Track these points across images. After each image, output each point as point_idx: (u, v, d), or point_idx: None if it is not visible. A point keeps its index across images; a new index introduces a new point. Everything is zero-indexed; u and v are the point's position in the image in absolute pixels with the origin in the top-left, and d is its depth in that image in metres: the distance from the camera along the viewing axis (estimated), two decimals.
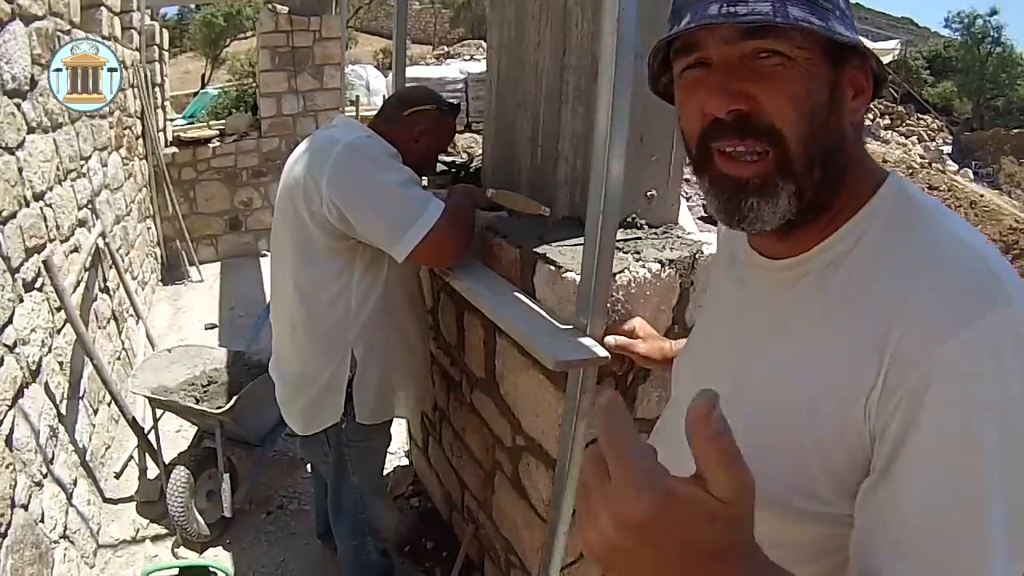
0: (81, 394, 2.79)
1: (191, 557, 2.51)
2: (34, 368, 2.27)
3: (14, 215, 2.30)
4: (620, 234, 1.58)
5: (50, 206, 2.74)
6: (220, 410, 2.49)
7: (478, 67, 10.41)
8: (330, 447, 1.86)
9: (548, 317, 1.45)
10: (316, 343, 1.74)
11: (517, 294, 1.58)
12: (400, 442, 3.10)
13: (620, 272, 1.42)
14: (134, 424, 2.89)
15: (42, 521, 2.05)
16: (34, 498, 2.03)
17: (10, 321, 2.12)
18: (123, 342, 3.80)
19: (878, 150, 14.50)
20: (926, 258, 0.62)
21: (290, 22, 6.23)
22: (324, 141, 1.64)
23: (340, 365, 1.73)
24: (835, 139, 0.66)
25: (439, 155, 1.92)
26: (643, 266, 1.47)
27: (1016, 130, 19.15)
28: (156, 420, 2.80)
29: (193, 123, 7.48)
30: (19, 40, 2.54)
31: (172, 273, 5.87)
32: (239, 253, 6.45)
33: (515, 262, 1.66)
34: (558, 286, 1.48)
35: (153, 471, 2.91)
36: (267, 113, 6.41)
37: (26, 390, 2.16)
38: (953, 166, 17.41)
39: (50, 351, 2.47)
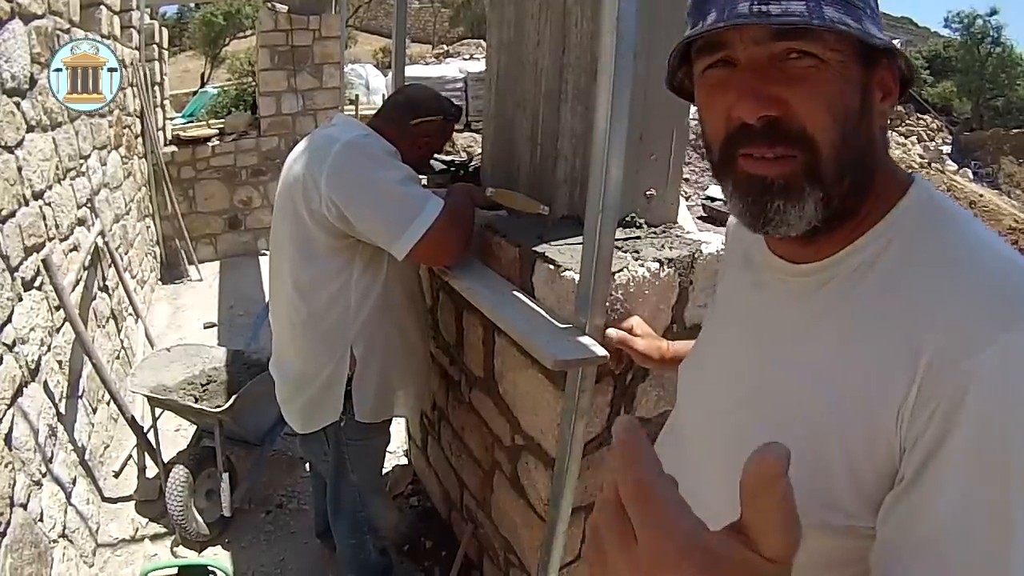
0: (80, 393, 2.79)
1: (190, 556, 2.51)
2: (33, 367, 2.27)
3: (13, 214, 2.30)
4: (619, 233, 1.58)
5: (49, 205, 2.74)
6: (219, 409, 2.49)
7: (478, 66, 10.40)
8: (329, 445, 1.86)
9: (547, 316, 1.45)
10: (316, 341, 1.74)
11: (516, 293, 1.58)
12: (399, 441, 3.10)
13: (619, 271, 1.42)
14: (133, 423, 2.89)
15: (41, 520, 2.05)
16: (33, 497, 2.03)
17: (9, 320, 2.12)
18: (122, 341, 3.80)
19: None
20: (958, 265, 0.60)
21: (289, 21, 6.23)
22: (323, 140, 1.64)
23: (339, 363, 1.73)
24: (865, 144, 0.64)
25: (434, 154, 1.93)
26: (642, 265, 1.47)
27: (1015, 130, 19.19)
28: (155, 419, 2.80)
29: (192, 122, 7.49)
30: (18, 39, 2.54)
31: (171, 272, 5.87)
32: (238, 252, 6.45)
33: (514, 261, 1.66)
34: (557, 285, 1.47)
35: (152, 470, 2.91)
36: (266, 112, 6.40)
37: (25, 389, 2.16)
38: (952, 166, 17.44)
39: (49, 350, 2.47)
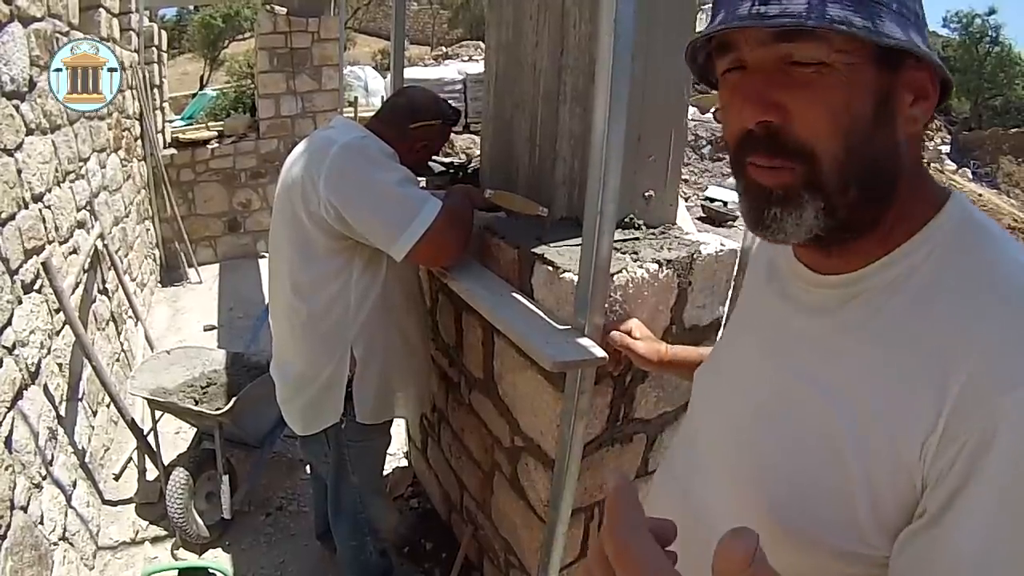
0: (80, 396, 2.79)
1: (190, 558, 2.51)
2: (33, 370, 2.27)
3: (13, 217, 2.30)
4: (618, 234, 1.58)
5: (49, 208, 2.74)
6: (219, 411, 2.49)
7: (476, 68, 10.43)
8: (330, 447, 1.86)
9: (546, 318, 1.45)
10: (316, 342, 1.74)
11: (515, 295, 1.58)
12: (399, 443, 3.10)
13: (618, 272, 1.42)
14: (133, 426, 2.89)
15: (41, 523, 2.05)
16: (33, 500, 2.03)
17: (9, 323, 2.12)
18: (122, 344, 3.79)
19: None
20: (995, 289, 0.57)
21: (288, 23, 6.23)
22: (321, 142, 1.64)
23: (340, 364, 1.73)
24: (883, 153, 0.61)
25: (432, 156, 1.94)
26: (641, 266, 1.47)
27: (1014, 129, 19.22)
28: (155, 422, 2.79)
29: (192, 124, 7.49)
30: (18, 42, 2.54)
31: (171, 274, 5.87)
32: (238, 254, 6.45)
33: (513, 262, 1.66)
34: (556, 286, 1.48)
35: (152, 473, 2.91)
36: (265, 114, 6.40)
37: (25, 392, 2.16)
38: (951, 165, 17.46)
39: (49, 353, 2.47)
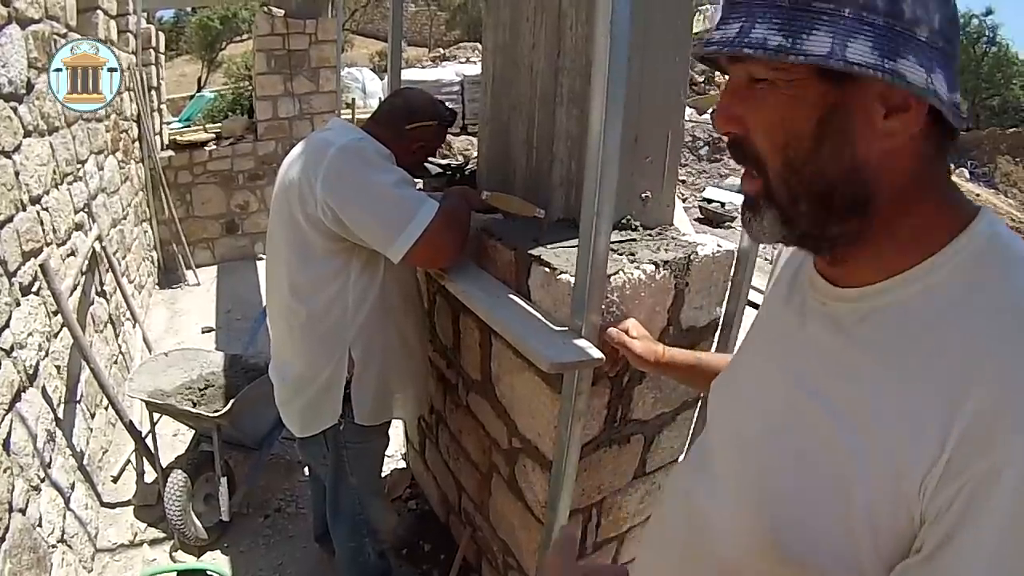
0: (78, 398, 2.79)
1: (189, 561, 2.51)
2: (31, 372, 2.27)
3: (11, 219, 2.30)
4: (615, 236, 1.58)
5: (47, 210, 2.74)
6: (217, 413, 2.49)
7: (474, 69, 10.44)
8: (328, 449, 1.86)
9: (543, 319, 1.45)
10: (314, 344, 1.74)
11: (512, 296, 1.58)
12: (397, 445, 3.10)
13: (615, 274, 1.43)
14: (131, 428, 2.88)
15: (40, 525, 2.05)
16: (32, 502, 2.03)
17: (7, 325, 2.12)
18: (120, 346, 3.79)
19: None
20: (1017, 318, 0.54)
21: (286, 25, 6.23)
22: (318, 144, 1.64)
23: (338, 366, 1.74)
24: (835, 169, 0.61)
25: (428, 157, 1.93)
26: (638, 267, 1.48)
27: (1012, 129, 19.26)
28: (153, 424, 2.79)
29: (189, 126, 7.50)
30: (15, 44, 2.54)
31: (169, 277, 5.86)
32: (236, 256, 6.44)
33: (510, 264, 1.66)
34: (553, 288, 1.48)
35: (151, 475, 2.91)
36: (263, 116, 6.40)
37: (23, 394, 2.16)
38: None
39: (47, 355, 2.47)
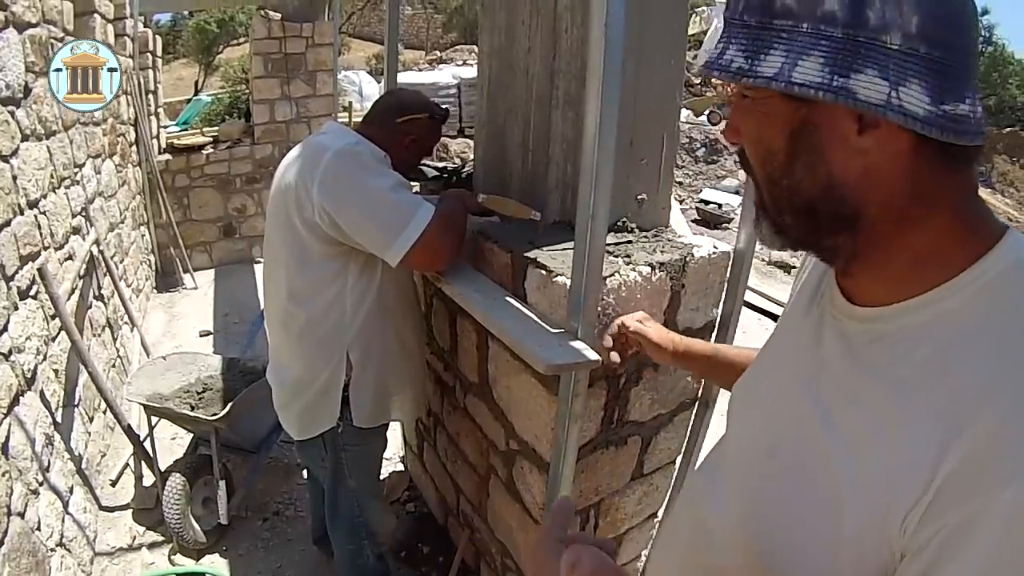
0: (76, 402, 2.79)
1: (188, 564, 2.51)
2: (29, 376, 2.27)
3: (8, 223, 2.30)
4: (611, 238, 1.59)
5: (44, 214, 2.74)
6: (215, 417, 2.49)
7: (471, 72, 10.43)
8: (327, 451, 1.86)
9: (539, 321, 1.46)
10: (312, 347, 1.75)
11: (508, 298, 1.59)
12: (395, 447, 3.10)
13: (610, 276, 1.43)
14: (129, 432, 2.88)
15: (38, 529, 2.05)
16: (30, 506, 2.03)
17: (5, 329, 2.12)
18: (118, 350, 3.79)
19: None
20: (1021, 365, 0.51)
21: (283, 28, 6.23)
22: (314, 148, 1.65)
23: (336, 369, 1.74)
24: (809, 185, 0.60)
25: (424, 156, 1.93)
26: (633, 269, 1.48)
27: (1008, 129, 19.29)
28: (151, 427, 2.79)
29: (186, 130, 7.48)
30: (13, 48, 2.54)
31: (166, 280, 5.85)
32: (233, 260, 6.43)
33: (506, 266, 1.67)
34: (549, 290, 1.48)
35: (149, 478, 2.91)
36: (260, 119, 6.39)
37: (21, 398, 2.16)
38: None
39: (45, 359, 2.47)
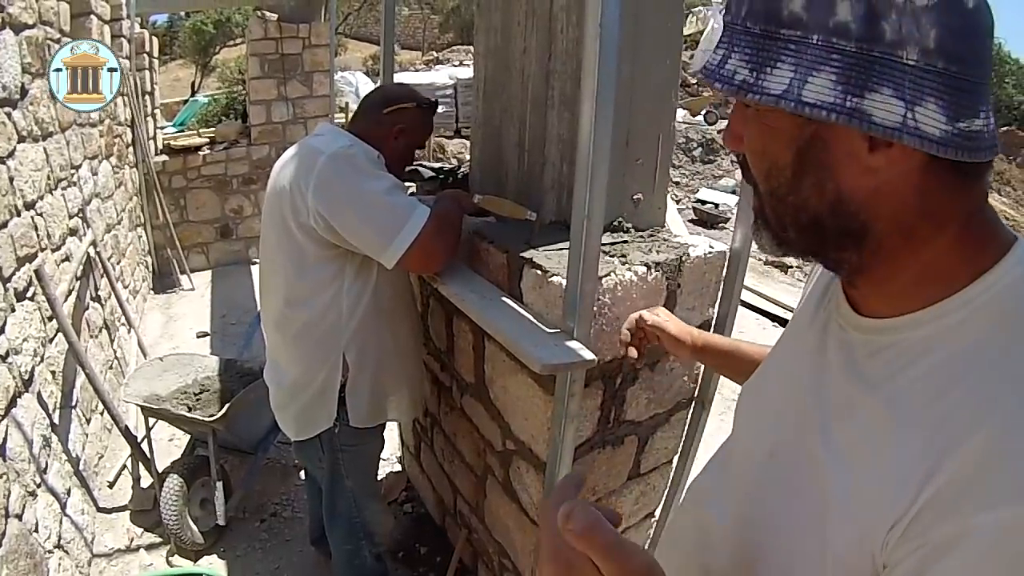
0: (74, 403, 2.79)
1: (185, 565, 2.51)
2: (26, 378, 2.27)
3: (5, 224, 2.30)
4: (607, 238, 1.60)
5: (41, 215, 2.74)
6: (212, 418, 2.49)
7: (468, 73, 10.45)
8: (324, 452, 1.87)
9: (535, 321, 1.47)
10: (309, 349, 1.75)
11: (504, 299, 1.59)
12: (393, 448, 3.11)
13: (606, 275, 1.44)
14: (127, 433, 2.88)
15: (36, 531, 2.05)
16: (28, 508, 2.03)
17: (2, 331, 2.12)
18: (115, 351, 3.79)
19: None
20: (1016, 388, 0.49)
21: (279, 29, 6.22)
22: (308, 151, 1.65)
23: (332, 370, 1.75)
24: (817, 202, 0.57)
25: (417, 150, 1.90)
26: (629, 269, 1.49)
27: (1005, 128, 19.34)
28: (149, 429, 2.80)
29: (183, 131, 7.48)
30: (9, 49, 2.54)
31: (163, 281, 5.84)
32: (230, 261, 6.43)
33: (502, 267, 1.67)
34: (545, 290, 1.49)
35: (147, 480, 2.91)
36: (257, 120, 6.39)
37: (19, 400, 2.16)
38: None
39: (42, 360, 2.47)
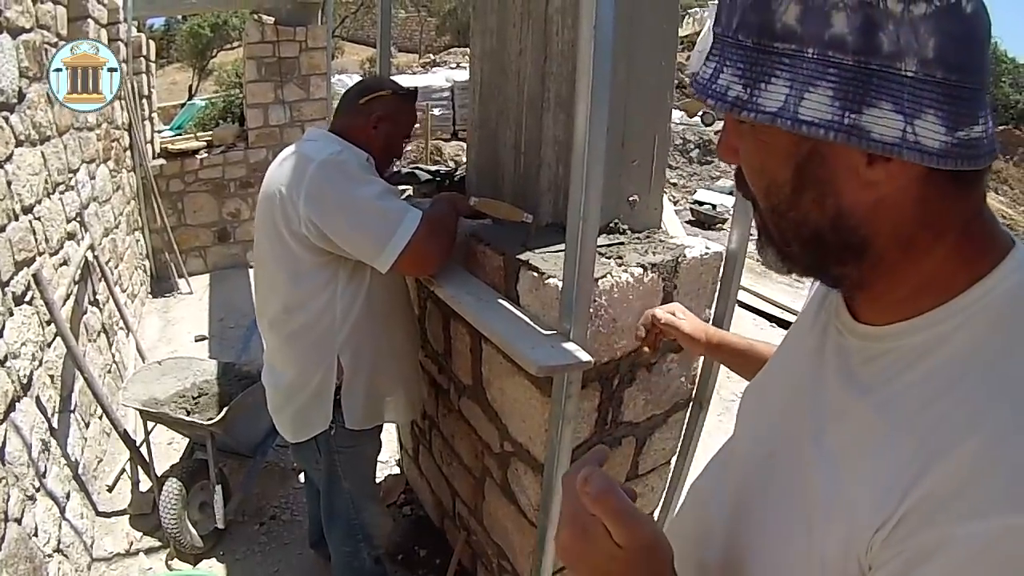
0: (72, 407, 2.79)
1: (185, 569, 2.51)
2: (25, 382, 2.27)
3: (3, 228, 2.30)
4: (603, 239, 1.61)
5: (39, 219, 2.74)
6: (211, 421, 2.49)
7: (464, 75, 10.44)
8: (321, 454, 1.87)
9: (531, 323, 1.47)
10: (304, 352, 1.76)
11: (501, 301, 1.60)
12: (391, 450, 3.11)
13: (602, 277, 1.44)
14: (126, 437, 2.88)
15: (35, 535, 2.05)
16: (27, 512, 2.03)
17: (0, 335, 2.12)
18: (113, 355, 3.79)
19: None
20: (1009, 398, 0.48)
21: (276, 32, 6.23)
22: (299, 158, 1.65)
23: (327, 372, 1.75)
24: (817, 217, 0.56)
25: (403, 142, 1.87)
26: (625, 271, 1.49)
27: (1002, 127, 19.39)
28: (147, 432, 2.80)
29: (180, 134, 7.48)
30: (6, 53, 2.54)
31: (161, 285, 5.84)
32: (228, 264, 6.43)
33: (498, 269, 1.68)
34: (541, 292, 1.49)
35: (145, 484, 2.91)
36: (254, 124, 6.39)
37: (17, 404, 2.16)
38: None
39: (41, 365, 2.47)
